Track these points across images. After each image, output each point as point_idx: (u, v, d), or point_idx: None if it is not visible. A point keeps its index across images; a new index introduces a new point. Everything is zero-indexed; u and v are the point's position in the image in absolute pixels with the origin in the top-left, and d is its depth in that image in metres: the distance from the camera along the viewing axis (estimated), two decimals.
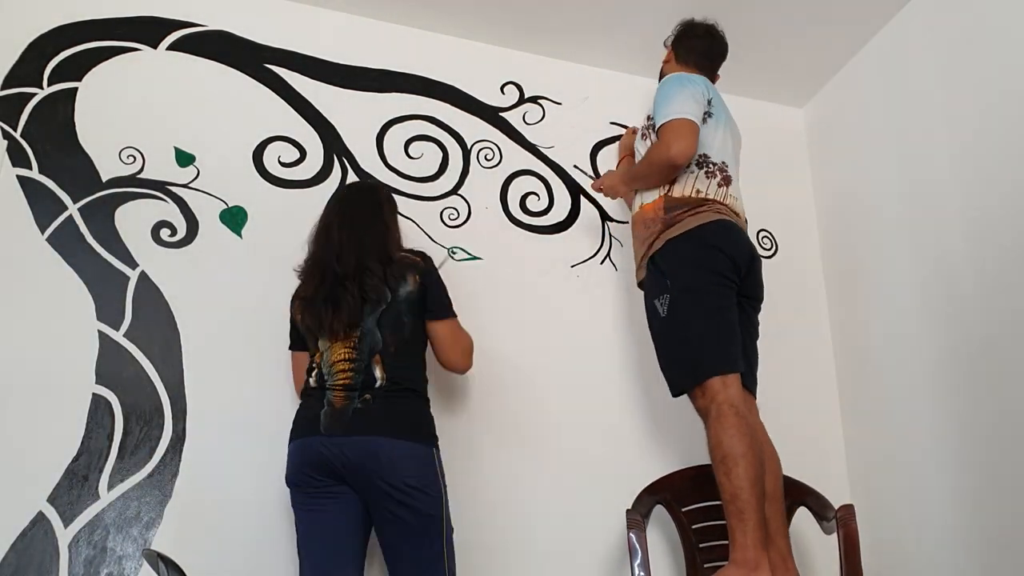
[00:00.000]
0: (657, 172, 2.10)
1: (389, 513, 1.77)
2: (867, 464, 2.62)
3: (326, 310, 1.87)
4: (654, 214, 2.11)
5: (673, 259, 2.04)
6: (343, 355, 1.86)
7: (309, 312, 1.91)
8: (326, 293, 1.89)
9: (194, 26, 2.55)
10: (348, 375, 1.84)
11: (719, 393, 1.91)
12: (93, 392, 2.09)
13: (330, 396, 1.84)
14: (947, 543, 2.25)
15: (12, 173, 2.23)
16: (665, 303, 2.02)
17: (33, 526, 1.94)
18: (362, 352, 1.86)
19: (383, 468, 1.75)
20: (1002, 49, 2.23)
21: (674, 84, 2.13)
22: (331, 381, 1.86)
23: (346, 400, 1.82)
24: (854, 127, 2.86)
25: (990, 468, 2.13)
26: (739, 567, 1.79)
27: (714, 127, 2.14)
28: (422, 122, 2.69)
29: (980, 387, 2.19)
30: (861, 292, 2.73)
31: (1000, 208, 2.18)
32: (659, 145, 2.06)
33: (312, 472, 1.81)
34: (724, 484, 1.85)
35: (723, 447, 1.86)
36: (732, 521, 1.83)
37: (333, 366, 1.87)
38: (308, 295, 1.93)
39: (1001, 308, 2.14)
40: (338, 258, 1.92)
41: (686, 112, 2.05)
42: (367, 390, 1.82)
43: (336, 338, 1.88)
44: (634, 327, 2.63)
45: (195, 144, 2.42)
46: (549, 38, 2.83)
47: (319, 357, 1.92)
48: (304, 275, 2.00)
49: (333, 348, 1.89)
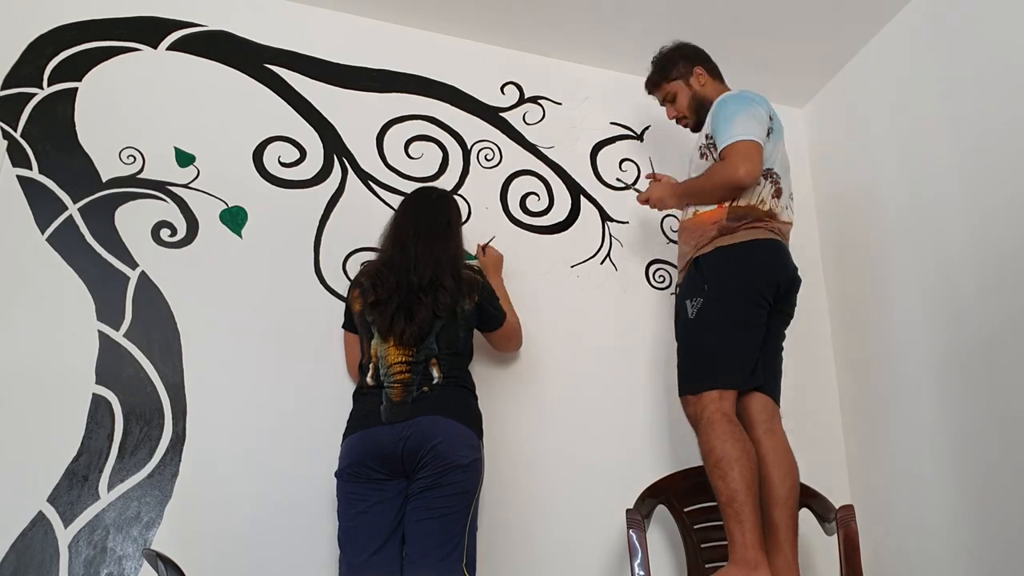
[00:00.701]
0: (720, 191, 2.09)
1: (430, 484, 1.82)
2: (867, 464, 2.62)
3: (398, 316, 1.96)
4: (713, 221, 2.10)
5: (716, 266, 2.05)
6: (400, 358, 1.95)
7: (379, 313, 1.98)
8: (400, 300, 1.97)
9: (194, 26, 2.55)
10: (406, 375, 1.94)
11: (711, 403, 1.94)
12: (93, 392, 2.09)
13: (388, 392, 1.93)
14: (947, 543, 2.25)
15: (12, 173, 2.23)
16: (696, 306, 2.04)
17: (33, 526, 1.94)
18: (419, 356, 1.96)
19: (440, 444, 1.84)
20: (1002, 49, 2.23)
21: (738, 104, 2.12)
22: (388, 380, 1.94)
23: (405, 393, 1.92)
24: (854, 127, 2.86)
25: (990, 468, 2.13)
26: (739, 567, 1.80)
27: (775, 143, 2.14)
28: (422, 122, 2.69)
29: (980, 387, 2.19)
30: (861, 292, 2.73)
31: (1001, 208, 2.18)
32: (725, 166, 2.05)
33: (371, 463, 1.87)
34: (720, 487, 1.87)
35: (716, 452, 1.89)
36: (730, 523, 1.85)
37: (391, 368, 1.95)
38: (381, 297, 1.99)
39: (1001, 308, 2.14)
40: (414, 268, 2.00)
41: (751, 133, 2.05)
42: (425, 384, 1.93)
43: (398, 343, 1.96)
44: (634, 327, 2.63)
45: (195, 144, 2.42)
46: (549, 38, 2.83)
47: (375, 356, 1.99)
48: (376, 276, 2.04)
49: (390, 350, 1.96)
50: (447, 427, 1.87)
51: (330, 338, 2.32)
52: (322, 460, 2.19)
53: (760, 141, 2.06)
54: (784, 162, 2.20)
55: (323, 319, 2.34)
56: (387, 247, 2.11)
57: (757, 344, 2.03)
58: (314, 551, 2.10)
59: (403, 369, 1.94)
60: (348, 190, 2.52)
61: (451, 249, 2.09)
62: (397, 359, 1.95)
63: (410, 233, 2.07)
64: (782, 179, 2.16)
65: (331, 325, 2.33)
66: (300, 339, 2.30)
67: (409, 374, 1.94)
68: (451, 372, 1.97)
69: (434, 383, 1.93)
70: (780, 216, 2.13)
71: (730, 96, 2.17)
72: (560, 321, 2.57)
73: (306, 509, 2.13)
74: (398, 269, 2.01)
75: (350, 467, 1.90)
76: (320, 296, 2.37)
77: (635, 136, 2.92)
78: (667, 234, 2.80)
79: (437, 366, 1.96)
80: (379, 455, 1.87)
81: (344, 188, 2.52)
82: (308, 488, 2.15)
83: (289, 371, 2.25)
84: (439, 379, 1.94)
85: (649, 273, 2.74)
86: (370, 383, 1.97)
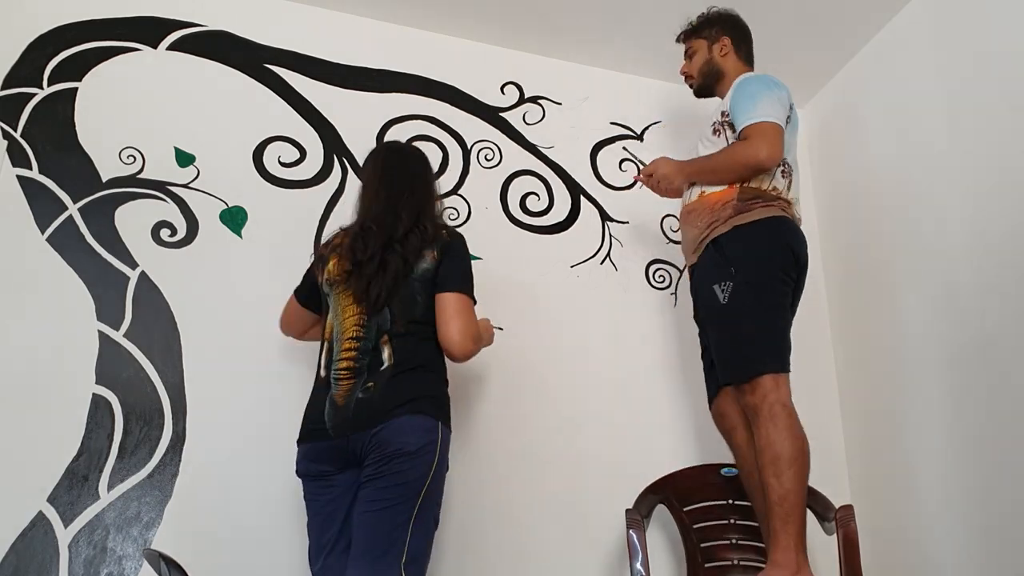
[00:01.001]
0: (738, 170, 2.01)
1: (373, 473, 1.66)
2: (867, 464, 2.62)
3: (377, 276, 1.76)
4: (724, 201, 2.03)
5: (740, 246, 1.97)
6: (351, 333, 1.76)
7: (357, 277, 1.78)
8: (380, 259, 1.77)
9: (194, 26, 2.55)
10: (353, 354, 1.75)
11: (771, 392, 1.87)
12: (93, 392, 2.09)
13: (334, 390, 1.75)
14: (947, 543, 2.25)
15: (12, 173, 2.23)
16: (727, 290, 1.96)
17: (33, 526, 1.94)
18: (369, 331, 1.76)
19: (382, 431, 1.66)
20: (1002, 49, 2.23)
21: (761, 85, 2.07)
22: (335, 366, 1.76)
23: (348, 392, 1.72)
24: (854, 127, 2.86)
25: (990, 468, 2.13)
26: (781, 569, 1.76)
27: (791, 132, 2.10)
28: (422, 122, 2.69)
29: (980, 387, 2.19)
30: (861, 292, 2.73)
31: (1001, 208, 2.18)
32: (748, 145, 1.98)
33: (319, 465, 1.75)
34: (773, 486, 1.80)
35: (775, 448, 1.82)
36: (776, 523, 1.79)
37: (341, 350, 1.77)
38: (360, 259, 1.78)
39: (1001, 308, 2.14)
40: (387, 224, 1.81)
41: (775, 116, 1.99)
42: (372, 375, 1.73)
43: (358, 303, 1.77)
44: (634, 327, 2.63)
45: (195, 144, 2.41)
46: (549, 38, 2.83)
47: (329, 335, 1.82)
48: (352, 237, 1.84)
49: (344, 321, 1.78)
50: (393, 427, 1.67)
51: None
52: None
53: (783, 124, 2.01)
54: (795, 157, 2.15)
55: None
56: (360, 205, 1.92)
57: (790, 325, 1.99)
58: None
59: (351, 346, 1.75)
60: (348, 190, 2.52)
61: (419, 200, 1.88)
62: (349, 333, 1.76)
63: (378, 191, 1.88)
64: (794, 173, 2.11)
65: None
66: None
67: (356, 355, 1.74)
68: (404, 353, 1.74)
69: (383, 369, 1.72)
70: (793, 205, 2.08)
71: (754, 76, 2.13)
72: (560, 321, 2.56)
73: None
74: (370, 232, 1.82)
75: (304, 471, 1.78)
76: None
77: (635, 136, 2.92)
78: (667, 234, 2.80)
79: (389, 344, 1.74)
80: (326, 459, 1.74)
81: (344, 188, 2.52)
82: None
83: (289, 371, 2.25)
84: (389, 364, 1.72)
85: (649, 273, 2.74)
86: (321, 373, 1.80)
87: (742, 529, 2.13)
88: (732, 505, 2.16)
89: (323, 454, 1.75)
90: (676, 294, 2.71)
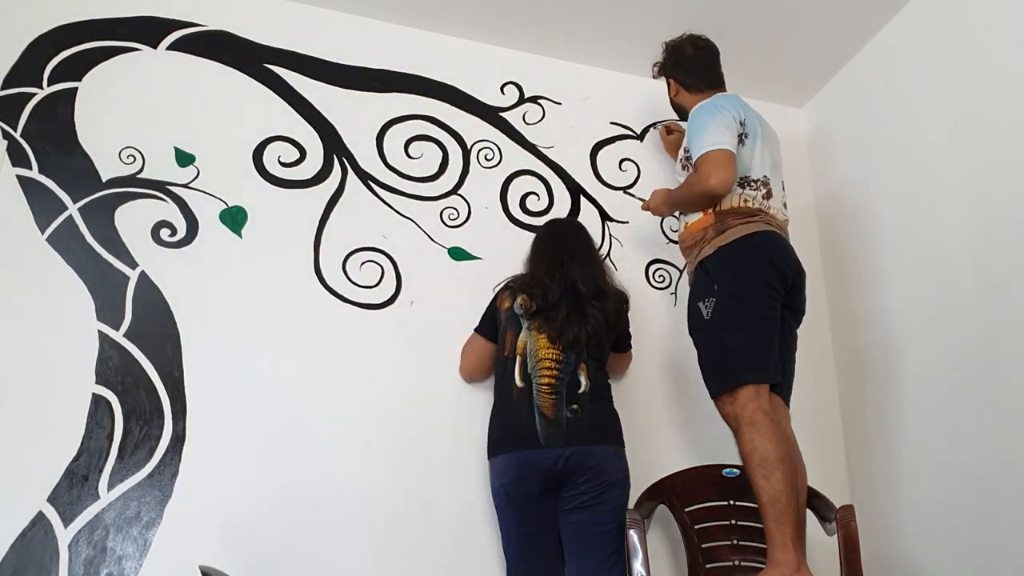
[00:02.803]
0: (698, 200, 2.15)
1: (592, 499, 1.99)
2: (867, 464, 2.62)
3: (570, 321, 2.07)
4: (703, 227, 2.14)
5: (722, 265, 2.06)
6: (551, 355, 2.06)
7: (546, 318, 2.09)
8: (570, 307, 2.10)
9: (194, 26, 2.55)
10: (554, 372, 2.03)
11: (751, 401, 1.93)
12: (93, 392, 2.09)
13: (539, 401, 2.02)
14: (947, 543, 2.24)
15: (12, 173, 2.23)
16: (710, 307, 2.05)
17: (33, 526, 1.94)
18: (569, 356, 2.06)
19: (600, 464, 2.00)
20: (1002, 49, 2.23)
21: (704, 115, 2.16)
22: (536, 375, 2.04)
23: (555, 408, 2.01)
24: (854, 127, 2.86)
25: (990, 468, 2.13)
26: (781, 567, 1.79)
27: (751, 146, 2.17)
28: (422, 122, 2.69)
29: (980, 387, 2.19)
30: (861, 292, 2.73)
31: (1001, 208, 2.18)
32: (698, 176, 2.10)
33: (532, 486, 2.00)
34: (764, 487, 1.85)
35: (760, 451, 1.87)
36: (771, 524, 1.83)
37: (539, 362, 2.05)
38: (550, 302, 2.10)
39: (1001, 308, 2.14)
40: (581, 279, 2.14)
41: (721, 143, 2.08)
42: (573, 397, 2.03)
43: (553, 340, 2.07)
44: (634, 327, 2.62)
45: (195, 144, 2.41)
46: (549, 38, 2.83)
47: (522, 347, 2.09)
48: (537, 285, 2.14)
49: (540, 343, 2.07)
50: (603, 454, 2.01)
51: (330, 338, 2.32)
52: (322, 458, 2.20)
53: (731, 148, 2.09)
54: (771, 160, 2.21)
55: (323, 319, 2.34)
56: (538, 267, 2.22)
57: (775, 337, 2.03)
58: (314, 550, 2.10)
59: (552, 366, 2.04)
60: (348, 190, 2.52)
61: (603, 269, 2.26)
62: (547, 354, 2.05)
63: (564, 254, 2.21)
64: (772, 180, 2.18)
65: (331, 324, 2.34)
66: (300, 339, 2.30)
67: (557, 372, 2.03)
68: (596, 381, 2.09)
69: (581, 391, 2.04)
70: (774, 214, 2.14)
71: (700, 108, 2.21)
72: None
73: (306, 509, 2.13)
74: (561, 280, 2.13)
75: (513, 491, 2.01)
76: (320, 296, 2.37)
77: (635, 136, 2.92)
78: (667, 234, 2.80)
79: (586, 372, 2.06)
80: (541, 476, 1.99)
81: (344, 188, 2.52)
82: (308, 488, 2.15)
83: (289, 371, 2.25)
84: (586, 387, 2.05)
85: (649, 273, 2.74)
86: (519, 384, 2.06)
87: (743, 530, 2.13)
88: (733, 506, 2.16)
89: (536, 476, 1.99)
90: (676, 294, 2.71)
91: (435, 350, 2.38)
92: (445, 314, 2.41)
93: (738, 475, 2.14)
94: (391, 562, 2.15)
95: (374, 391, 2.30)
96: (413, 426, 2.30)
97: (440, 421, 2.31)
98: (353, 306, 2.39)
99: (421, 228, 2.55)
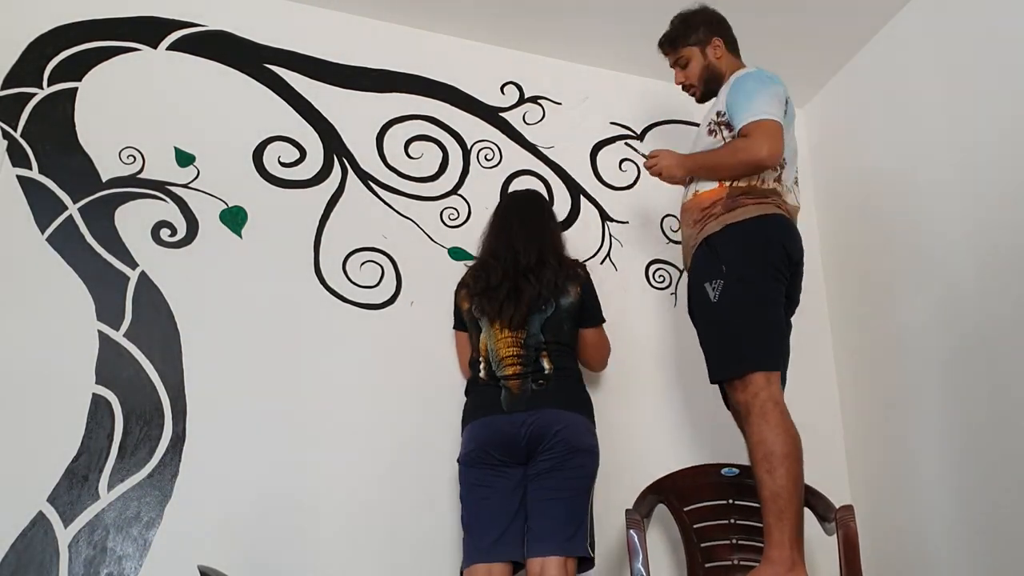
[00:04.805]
0: (739, 168, 1.99)
1: (554, 466, 1.93)
2: (867, 464, 2.62)
3: (508, 300, 2.06)
4: (713, 199, 2.02)
5: (731, 245, 1.96)
6: (511, 352, 2.04)
7: (489, 299, 2.08)
8: (510, 285, 2.07)
9: (194, 26, 2.55)
10: (517, 367, 2.03)
11: (763, 389, 1.85)
12: (93, 392, 2.09)
13: (505, 384, 2.03)
14: (947, 543, 2.24)
15: (12, 173, 2.23)
16: (718, 288, 1.95)
17: (33, 526, 1.94)
18: (528, 349, 2.05)
19: (563, 430, 1.95)
20: (1002, 48, 2.23)
21: (758, 82, 2.04)
22: (502, 373, 2.04)
23: (522, 385, 2.01)
24: (854, 127, 2.86)
25: (990, 467, 2.13)
26: (775, 565, 1.75)
27: (788, 125, 2.06)
28: (422, 122, 2.69)
29: (980, 386, 2.19)
30: (861, 291, 2.73)
31: (1001, 207, 2.18)
32: (750, 143, 1.95)
33: (493, 449, 1.97)
34: (766, 482, 1.79)
35: (767, 444, 1.80)
36: (770, 519, 1.78)
37: (502, 361, 2.05)
38: (492, 283, 2.09)
39: (1001, 307, 2.14)
40: (522, 251, 2.11)
41: (774, 113, 1.97)
42: (539, 376, 2.02)
43: (504, 328, 2.05)
44: (634, 327, 2.63)
45: (195, 144, 2.41)
46: (549, 38, 2.83)
47: (484, 350, 2.09)
48: (482, 268, 2.16)
49: (499, 342, 2.06)
50: (568, 417, 1.98)
51: (330, 337, 2.32)
52: (322, 458, 2.20)
53: (782, 122, 1.99)
54: (793, 148, 2.12)
55: (323, 319, 2.34)
56: (490, 242, 2.21)
57: (783, 322, 1.98)
58: (313, 550, 2.10)
59: (514, 362, 2.03)
60: (348, 190, 2.52)
61: (553, 235, 2.22)
62: (508, 352, 2.04)
63: (513, 223, 2.19)
64: (788, 164, 2.08)
65: (331, 324, 2.34)
66: (300, 339, 2.30)
67: (520, 366, 2.02)
68: (561, 363, 2.06)
69: (546, 373, 2.03)
70: (785, 197, 2.05)
71: (749, 73, 2.09)
72: None
73: (306, 508, 2.13)
74: (503, 258, 2.12)
75: (473, 452, 1.99)
76: (320, 296, 2.37)
77: (635, 136, 2.93)
78: (667, 234, 2.80)
79: (547, 357, 2.05)
80: (501, 442, 1.97)
81: (344, 188, 2.52)
82: (308, 487, 2.15)
83: (289, 371, 2.25)
84: (550, 370, 2.03)
85: (649, 273, 2.74)
86: (484, 378, 2.07)
87: (742, 529, 2.13)
88: (732, 505, 2.16)
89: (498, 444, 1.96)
90: (676, 294, 2.71)
91: (435, 350, 2.38)
92: (445, 314, 2.41)
93: (737, 474, 2.14)
94: (391, 562, 2.15)
95: (374, 391, 2.30)
96: (413, 426, 2.30)
97: (440, 421, 2.31)
98: (353, 306, 2.39)
99: (421, 228, 2.55)
